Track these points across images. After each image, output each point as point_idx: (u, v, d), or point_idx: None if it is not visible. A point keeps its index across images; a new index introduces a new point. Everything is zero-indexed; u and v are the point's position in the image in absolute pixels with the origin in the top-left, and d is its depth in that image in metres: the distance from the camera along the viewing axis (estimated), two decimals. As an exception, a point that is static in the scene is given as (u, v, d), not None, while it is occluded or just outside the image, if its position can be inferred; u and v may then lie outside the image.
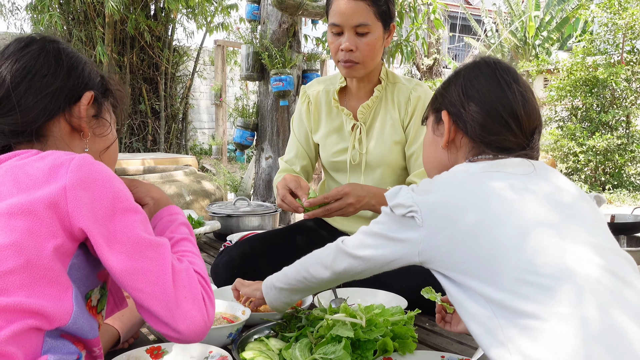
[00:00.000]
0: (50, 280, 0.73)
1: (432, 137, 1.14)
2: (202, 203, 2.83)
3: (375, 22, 1.55)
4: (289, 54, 3.06)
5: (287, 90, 3.03)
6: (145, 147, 8.44)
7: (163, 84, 8.47)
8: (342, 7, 1.53)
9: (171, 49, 8.51)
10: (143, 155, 5.30)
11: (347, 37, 1.55)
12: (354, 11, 1.52)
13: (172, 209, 1.01)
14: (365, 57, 1.57)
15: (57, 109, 0.87)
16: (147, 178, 2.81)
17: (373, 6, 1.53)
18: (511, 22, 17.05)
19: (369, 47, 1.55)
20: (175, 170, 3.20)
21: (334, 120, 1.74)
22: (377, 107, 1.70)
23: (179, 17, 8.34)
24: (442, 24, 6.36)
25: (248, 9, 3.22)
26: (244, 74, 3.16)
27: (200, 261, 0.92)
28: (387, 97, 1.70)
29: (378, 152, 1.68)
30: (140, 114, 8.39)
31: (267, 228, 2.38)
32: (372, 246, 1.02)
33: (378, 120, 1.69)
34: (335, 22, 1.55)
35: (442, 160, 1.11)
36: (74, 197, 0.76)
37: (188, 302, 0.81)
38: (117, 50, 7.88)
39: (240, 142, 3.18)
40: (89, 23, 7.75)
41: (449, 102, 1.09)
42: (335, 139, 1.74)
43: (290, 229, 1.75)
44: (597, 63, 8.23)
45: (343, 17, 1.53)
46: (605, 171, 8.12)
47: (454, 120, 1.08)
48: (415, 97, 1.67)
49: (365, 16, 1.53)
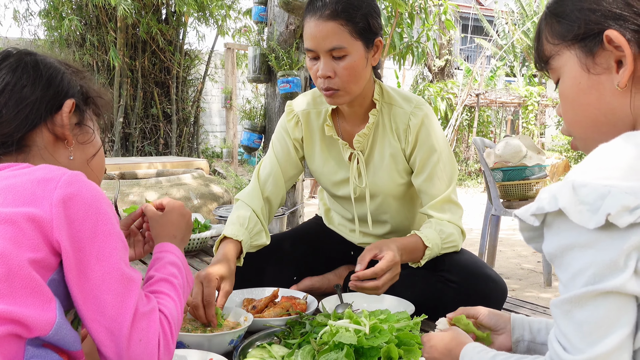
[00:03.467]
0: (33, 290, 0.73)
1: (588, 81, 0.76)
2: (210, 206, 2.83)
3: (352, 42, 1.37)
4: (296, 55, 3.05)
5: (295, 92, 3.01)
6: (157, 151, 8.48)
7: (174, 88, 8.51)
8: (312, 30, 1.38)
9: (182, 53, 8.55)
10: (154, 159, 5.33)
11: (322, 62, 1.38)
12: (325, 34, 1.36)
13: (165, 246, 0.99)
14: (346, 83, 1.39)
15: (38, 119, 0.87)
16: (156, 182, 2.82)
17: (348, 25, 1.36)
18: (523, 23, 16.94)
19: (348, 71, 1.38)
20: (183, 173, 3.19)
21: (330, 146, 1.60)
22: (375, 134, 1.55)
23: (190, 20, 8.37)
24: (453, 24, 6.32)
25: (255, 11, 3.21)
26: (251, 76, 3.15)
27: (172, 304, 0.88)
28: (384, 122, 1.54)
29: (379, 183, 1.56)
30: (152, 118, 8.44)
31: (274, 231, 2.36)
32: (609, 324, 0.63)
33: (376, 149, 1.55)
34: (309, 47, 1.40)
35: (614, 111, 0.74)
36: (58, 214, 0.75)
37: (141, 346, 0.79)
38: (128, 54, 7.94)
39: (247, 144, 3.18)
40: (101, 28, 7.82)
41: (614, 15, 0.72)
42: (333, 168, 1.60)
43: (295, 233, 1.73)
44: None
45: (315, 41, 1.38)
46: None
47: (637, 40, 0.71)
48: (415, 124, 1.50)
49: (338, 38, 1.36)
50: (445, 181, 1.53)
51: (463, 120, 11.34)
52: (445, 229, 1.47)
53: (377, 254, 1.33)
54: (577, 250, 0.65)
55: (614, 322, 0.63)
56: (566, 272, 0.66)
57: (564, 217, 0.65)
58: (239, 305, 1.46)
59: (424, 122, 1.51)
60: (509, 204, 3.64)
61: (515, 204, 3.60)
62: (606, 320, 0.63)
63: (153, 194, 2.72)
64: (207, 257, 2.19)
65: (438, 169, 1.52)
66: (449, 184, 1.53)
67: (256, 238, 1.50)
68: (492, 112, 13.92)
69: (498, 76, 16.85)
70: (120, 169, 4.26)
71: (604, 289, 0.62)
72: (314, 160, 1.62)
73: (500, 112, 13.88)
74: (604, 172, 0.65)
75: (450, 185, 1.53)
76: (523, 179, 3.57)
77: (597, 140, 0.73)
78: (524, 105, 12.65)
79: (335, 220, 1.76)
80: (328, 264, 1.68)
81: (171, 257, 0.97)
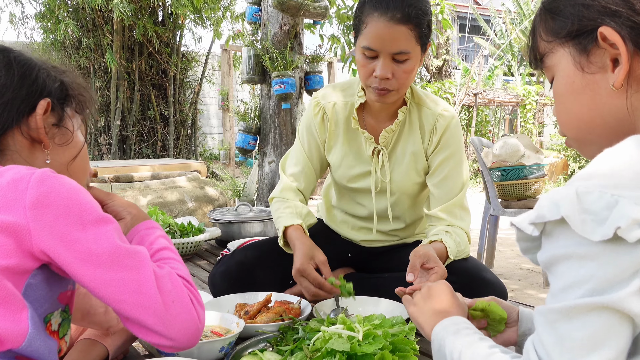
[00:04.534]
0: (2, 301, 0.69)
1: (582, 80, 0.72)
2: (205, 209, 2.80)
3: (415, 47, 1.37)
4: (290, 55, 3.00)
5: (289, 92, 2.97)
6: (155, 153, 8.46)
7: (172, 90, 8.49)
8: (380, 31, 1.34)
9: (179, 55, 8.54)
10: (151, 161, 5.31)
11: (382, 63, 1.36)
12: (394, 37, 1.34)
13: (149, 223, 0.97)
14: (402, 85, 1.41)
15: (10, 122, 0.82)
16: (151, 185, 2.79)
17: (415, 30, 1.35)
18: (520, 22, 16.93)
19: (406, 74, 1.39)
20: (179, 176, 3.17)
21: (351, 140, 1.58)
22: (400, 131, 1.55)
23: (187, 22, 8.35)
24: (450, 24, 6.29)
25: (249, 11, 3.17)
26: (245, 77, 3.11)
27: (182, 267, 0.88)
28: (412, 121, 1.54)
29: (399, 180, 1.56)
30: (150, 120, 8.42)
31: (269, 234, 2.33)
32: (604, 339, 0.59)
33: (399, 146, 1.56)
34: (371, 47, 1.36)
35: (610, 112, 0.70)
36: (35, 217, 0.72)
37: (176, 306, 0.78)
38: (125, 57, 7.91)
39: (242, 146, 3.14)
40: (98, 30, 7.79)
41: (609, 11, 0.68)
42: (352, 161, 1.59)
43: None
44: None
45: (381, 42, 1.35)
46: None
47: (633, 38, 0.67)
48: (442, 125, 1.52)
49: (406, 43, 1.35)
50: (459, 185, 1.55)
51: (461, 120, 11.33)
52: (460, 238, 1.49)
53: (424, 263, 1.31)
54: (574, 261, 0.60)
55: (600, 341, 0.58)
56: (559, 282, 0.62)
57: (565, 225, 0.60)
58: (231, 310, 1.43)
59: (450, 125, 1.53)
60: (507, 204, 3.61)
61: (514, 203, 3.57)
62: (592, 339, 0.59)
63: (147, 197, 2.69)
64: (201, 260, 2.16)
65: (454, 173, 1.54)
66: (462, 188, 1.55)
67: (307, 219, 1.59)
68: (490, 112, 13.91)
69: (496, 75, 16.85)
70: (117, 172, 4.23)
71: (601, 303, 0.58)
72: (333, 151, 1.62)
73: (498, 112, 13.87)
74: (611, 180, 0.60)
75: (462, 190, 1.55)
76: (521, 178, 3.55)
77: (593, 143, 0.72)
78: (522, 104, 12.64)
79: (338, 217, 1.74)
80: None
81: (159, 231, 0.96)
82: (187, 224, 2.15)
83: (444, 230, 1.48)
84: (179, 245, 2.08)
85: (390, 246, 1.67)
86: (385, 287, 1.45)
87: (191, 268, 2.04)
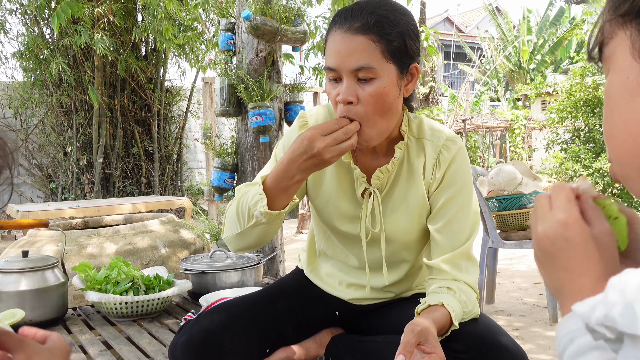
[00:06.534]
0: None
1: (638, 76, 0.52)
2: (179, 255, 2.55)
3: (383, 64, 1.12)
4: (268, 85, 2.78)
5: (268, 125, 2.74)
6: (140, 191, 8.27)
7: (156, 125, 8.35)
8: (336, 44, 1.13)
9: (163, 90, 8.43)
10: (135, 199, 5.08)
11: (344, 84, 1.13)
12: (351, 50, 1.11)
13: None
14: (370, 113, 1.13)
15: None
16: (120, 230, 2.55)
17: (380, 42, 1.11)
18: (504, 48, 17.07)
19: (374, 98, 1.12)
20: (153, 219, 2.92)
21: (342, 174, 1.32)
22: (398, 171, 1.30)
23: (170, 56, 8.25)
24: (436, 50, 6.21)
25: (221, 39, 2.96)
26: (219, 110, 2.85)
27: None
28: (411, 158, 1.29)
29: (395, 230, 1.31)
30: (134, 157, 8.26)
31: (248, 284, 2.08)
32: None
33: (397, 188, 1.30)
34: (330, 66, 1.14)
35: None
36: None
37: None
38: (107, 93, 7.78)
39: (218, 185, 2.89)
40: (79, 67, 7.66)
41: None
42: (342, 200, 1.32)
43: (266, 293, 1.44)
44: (597, 83, 8.06)
45: (338, 58, 1.12)
46: (614, 193, 7.84)
47: None
48: (446, 158, 1.26)
49: (367, 56, 1.11)
50: (467, 232, 1.27)
51: (451, 147, 11.21)
52: (467, 296, 1.22)
53: (421, 342, 1.07)
54: None
55: None
56: None
57: None
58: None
59: (456, 159, 1.27)
60: (506, 235, 3.41)
61: (514, 234, 3.37)
62: None
63: (116, 244, 2.44)
64: (169, 319, 1.90)
65: (461, 215, 1.27)
66: (470, 235, 1.28)
67: None
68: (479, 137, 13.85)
69: (483, 101, 16.89)
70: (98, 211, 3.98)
71: None
72: (320, 185, 1.34)
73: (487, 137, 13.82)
74: None
75: (470, 238, 1.28)
76: (520, 207, 3.35)
77: None
78: (510, 129, 12.60)
79: (322, 270, 1.48)
80: (307, 329, 1.40)
81: None
82: (154, 277, 1.91)
83: (446, 287, 1.23)
84: (143, 302, 1.83)
85: (384, 302, 1.43)
86: (380, 353, 1.22)
87: (156, 329, 1.79)
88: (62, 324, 1.94)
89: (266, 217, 1.17)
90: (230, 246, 1.32)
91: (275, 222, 1.20)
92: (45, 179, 8.39)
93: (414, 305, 1.28)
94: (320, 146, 1.08)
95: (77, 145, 7.83)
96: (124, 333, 1.80)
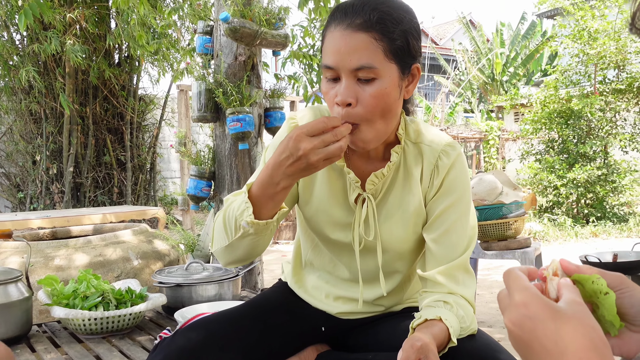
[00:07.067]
0: None
1: None
2: (153, 267, 2.44)
3: (385, 63, 1.05)
4: (247, 89, 2.67)
5: (247, 131, 2.63)
6: (112, 200, 8.09)
7: (129, 134, 8.21)
8: (337, 42, 1.05)
9: (137, 98, 8.30)
10: (107, 208, 4.92)
11: (344, 84, 1.06)
12: (352, 47, 1.04)
13: None
14: (371, 114, 1.06)
15: None
16: (91, 241, 2.42)
17: (382, 40, 1.04)
18: (478, 60, 17.32)
19: (375, 100, 1.05)
20: (125, 229, 2.80)
21: (334, 179, 1.24)
22: (394, 177, 1.22)
23: (145, 63, 8.12)
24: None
25: (199, 42, 2.85)
26: (195, 115, 2.73)
27: None
28: (408, 163, 1.22)
29: (391, 237, 1.23)
30: (105, 166, 8.10)
31: (226, 297, 1.98)
32: None
33: (392, 194, 1.23)
34: (328, 64, 1.07)
35: None
36: None
37: None
38: (78, 100, 7.61)
39: (194, 194, 2.76)
40: (49, 74, 7.48)
41: None
42: (334, 206, 1.24)
43: (247, 307, 1.34)
44: (570, 94, 8.20)
45: (337, 57, 1.05)
46: (587, 203, 7.95)
47: None
48: (445, 165, 1.19)
49: (369, 55, 1.04)
50: (464, 242, 1.20)
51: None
52: (464, 311, 1.15)
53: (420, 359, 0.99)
54: None
55: None
56: None
57: None
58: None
59: (455, 165, 1.20)
60: (487, 245, 3.38)
61: (494, 244, 3.34)
62: None
63: (83, 257, 2.32)
64: (141, 335, 1.78)
65: (459, 225, 1.19)
66: (467, 246, 1.20)
67: None
68: (454, 148, 13.93)
69: (457, 112, 17.08)
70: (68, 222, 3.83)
71: None
72: (311, 191, 1.25)
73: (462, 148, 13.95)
74: None
75: (468, 249, 1.20)
76: (500, 217, 3.32)
77: None
78: (485, 139, 12.73)
79: (308, 282, 1.39)
80: (291, 346, 1.31)
81: None
82: (126, 290, 1.80)
83: (443, 301, 1.15)
84: (114, 318, 1.72)
85: (373, 317, 1.35)
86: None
87: (127, 347, 1.68)
88: (26, 341, 1.81)
89: (253, 227, 1.08)
90: (220, 260, 1.23)
91: (264, 232, 1.11)
92: (13, 188, 8.14)
93: (406, 319, 1.20)
94: (307, 147, 0.99)
95: (47, 154, 7.64)
96: (92, 351, 1.69)
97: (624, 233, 7.08)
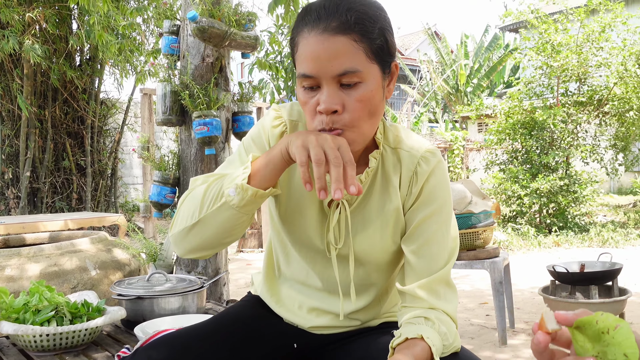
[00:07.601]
0: None
1: None
2: (112, 277, 2.31)
3: (367, 65, 1.00)
4: (215, 92, 2.56)
5: (214, 135, 2.52)
6: (70, 207, 7.84)
7: (89, 139, 7.99)
8: (313, 48, 0.98)
9: (98, 101, 8.10)
10: (65, 215, 4.73)
11: (327, 92, 0.98)
12: (333, 53, 0.97)
13: None
14: (357, 120, 1.00)
15: None
16: (44, 250, 2.27)
17: (362, 42, 0.98)
18: (443, 71, 17.60)
19: (361, 104, 1.00)
20: (83, 237, 2.65)
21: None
22: (372, 183, 1.15)
23: (107, 66, 7.92)
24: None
25: (165, 42, 2.72)
26: (160, 118, 2.61)
27: None
28: (386, 169, 1.15)
29: (369, 247, 1.16)
30: (64, 171, 7.86)
31: (190, 311, 1.88)
32: None
33: (370, 201, 1.15)
34: (307, 73, 0.99)
35: None
36: None
37: None
38: (37, 103, 7.36)
39: (157, 200, 2.63)
40: (6, 75, 7.21)
41: None
42: (307, 205, 1.16)
43: (214, 324, 1.25)
44: (534, 106, 8.36)
45: (318, 64, 0.98)
46: (550, 213, 8.09)
47: None
48: (424, 171, 1.12)
49: (351, 59, 0.98)
50: (445, 254, 1.12)
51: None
52: (447, 327, 1.07)
53: None
54: None
55: None
56: None
57: None
58: None
59: (435, 172, 1.13)
60: (456, 255, 3.35)
61: (463, 254, 3.31)
62: None
63: (39, 265, 2.17)
64: (97, 352, 1.66)
65: (439, 236, 1.12)
66: (449, 259, 1.13)
67: None
68: (420, 157, 14.06)
69: (422, 122, 17.28)
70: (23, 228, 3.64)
71: None
72: (287, 189, 1.16)
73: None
74: None
75: (450, 261, 1.13)
76: (470, 227, 3.31)
77: None
78: (449, 149, 12.89)
79: (282, 291, 1.30)
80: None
81: None
82: (82, 303, 1.67)
83: (424, 317, 1.08)
84: (68, 334, 1.59)
85: (349, 332, 1.27)
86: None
87: (84, 364, 1.56)
88: (-30, 359, 1.66)
89: (239, 195, 0.99)
90: (179, 246, 1.10)
91: (245, 210, 1.01)
92: (-35, 193, 7.80)
93: (384, 336, 1.14)
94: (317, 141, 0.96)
95: (3, 158, 7.36)
96: (44, 369, 1.56)
97: (585, 243, 7.22)
